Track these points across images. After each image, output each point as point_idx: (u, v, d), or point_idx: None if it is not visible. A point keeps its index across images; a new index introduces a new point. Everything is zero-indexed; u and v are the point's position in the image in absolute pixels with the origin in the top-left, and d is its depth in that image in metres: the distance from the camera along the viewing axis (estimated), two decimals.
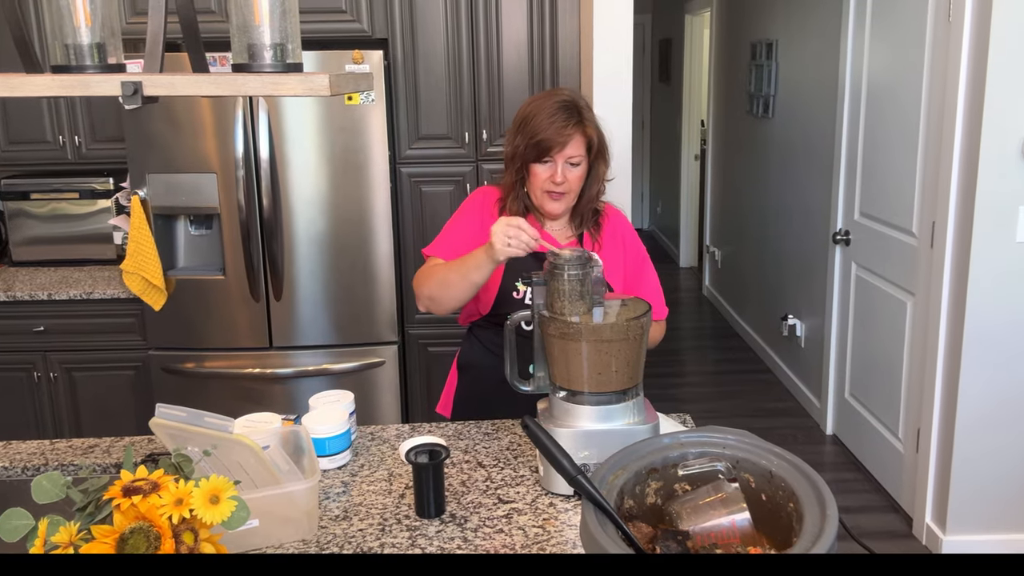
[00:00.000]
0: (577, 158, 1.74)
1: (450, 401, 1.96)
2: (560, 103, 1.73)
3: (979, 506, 2.76)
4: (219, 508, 1.03)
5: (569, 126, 1.71)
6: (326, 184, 2.87)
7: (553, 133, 1.70)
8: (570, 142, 1.72)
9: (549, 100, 1.74)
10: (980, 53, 2.50)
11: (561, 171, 1.73)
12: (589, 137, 1.74)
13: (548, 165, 1.74)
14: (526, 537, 1.34)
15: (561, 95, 1.76)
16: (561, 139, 1.70)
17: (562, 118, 1.71)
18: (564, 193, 1.75)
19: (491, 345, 1.85)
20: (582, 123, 1.73)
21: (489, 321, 1.85)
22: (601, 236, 1.85)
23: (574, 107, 1.74)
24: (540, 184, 1.75)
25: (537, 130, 1.71)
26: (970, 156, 2.58)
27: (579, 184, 1.77)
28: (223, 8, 2.90)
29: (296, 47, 1.08)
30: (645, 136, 8.28)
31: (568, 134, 1.71)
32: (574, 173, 1.75)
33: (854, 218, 3.49)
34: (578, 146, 1.73)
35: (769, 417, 4.06)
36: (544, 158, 1.73)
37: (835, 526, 0.91)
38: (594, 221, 1.85)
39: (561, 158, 1.72)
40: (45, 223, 3.33)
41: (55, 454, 1.68)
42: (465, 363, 1.93)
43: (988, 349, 2.65)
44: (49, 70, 1.09)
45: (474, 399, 1.90)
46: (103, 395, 3.09)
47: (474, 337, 1.91)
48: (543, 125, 1.71)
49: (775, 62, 4.49)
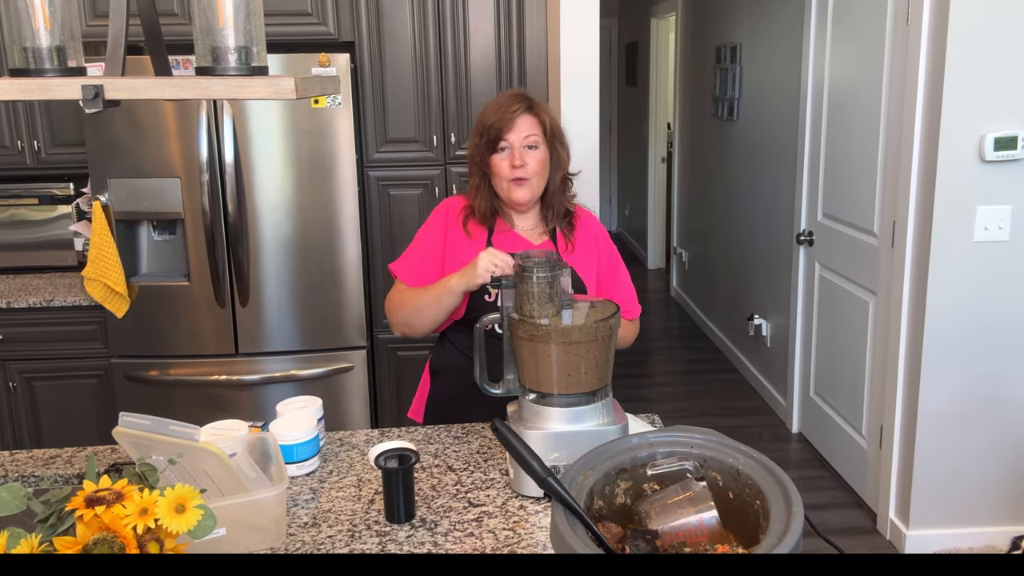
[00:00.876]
0: (533, 138, 1.76)
1: (422, 406, 1.96)
2: (511, 95, 1.80)
3: (941, 501, 2.82)
4: (185, 517, 1.01)
5: (519, 109, 1.75)
6: (292, 188, 2.85)
7: (501, 115, 1.75)
8: (519, 120, 1.75)
9: (502, 96, 1.82)
10: (938, 56, 2.56)
11: (519, 154, 1.75)
12: (541, 120, 1.78)
13: (506, 152, 1.76)
14: (497, 540, 1.34)
15: (513, 90, 1.84)
16: (509, 117, 1.74)
17: (509, 103, 1.77)
18: (527, 178, 1.76)
19: (464, 348, 1.85)
20: (531, 106, 1.77)
21: (462, 324, 1.85)
22: (574, 237, 1.86)
23: (523, 96, 1.79)
24: (503, 174, 1.77)
25: (488, 118, 1.77)
26: (929, 157, 2.64)
27: (541, 168, 1.78)
28: (186, 10, 2.86)
29: (261, 50, 1.07)
30: (612, 139, 8.33)
31: (516, 112, 1.75)
32: (533, 156, 1.76)
33: (817, 219, 3.54)
34: (530, 126, 1.76)
35: (736, 416, 4.10)
36: (500, 145, 1.75)
37: (801, 523, 0.93)
38: (567, 221, 1.86)
39: (516, 141, 1.75)
40: (4, 229, 3.26)
41: (15, 465, 1.64)
42: (438, 367, 1.93)
43: (948, 347, 2.71)
44: (7, 74, 1.07)
45: (447, 403, 1.89)
46: (65, 404, 3.03)
47: (447, 341, 1.91)
48: (491, 112, 1.77)
49: (739, 65, 4.54)
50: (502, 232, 1.83)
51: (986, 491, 2.81)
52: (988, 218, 2.62)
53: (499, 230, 1.83)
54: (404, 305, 1.80)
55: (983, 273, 2.66)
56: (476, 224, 1.83)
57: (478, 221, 1.82)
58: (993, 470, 2.79)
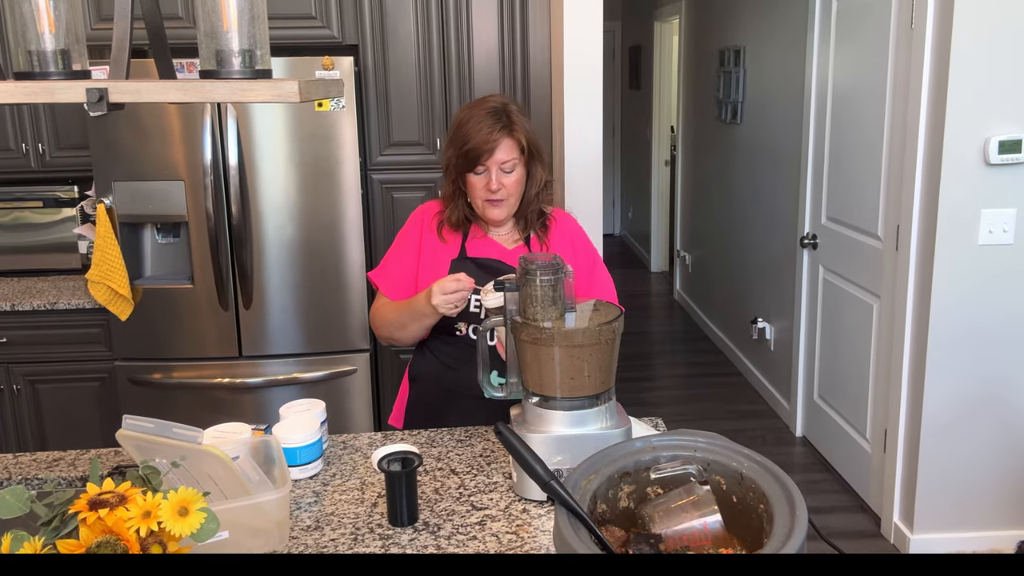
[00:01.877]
0: (509, 163, 1.74)
1: (402, 412, 1.95)
2: (488, 110, 1.73)
3: (945, 505, 2.81)
4: (188, 520, 1.01)
5: (496, 131, 1.71)
6: (296, 191, 2.85)
7: (480, 140, 1.70)
8: (498, 147, 1.72)
9: (478, 108, 1.75)
10: (942, 59, 2.55)
11: (496, 178, 1.73)
12: (519, 141, 1.74)
13: (482, 175, 1.74)
14: (500, 544, 1.34)
15: (490, 102, 1.76)
16: (488, 146, 1.71)
17: (488, 124, 1.71)
18: (503, 200, 1.76)
19: (441, 355, 1.85)
20: (509, 127, 1.73)
21: (438, 331, 1.84)
22: (548, 239, 1.85)
23: (502, 112, 1.74)
24: (478, 193, 1.76)
25: (466, 139, 1.72)
26: (933, 161, 2.63)
27: (517, 188, 1.77)
28: (190, 14, 2.87)
29: (265, 53, 1.07)
30: (616, 142, 8.33)
31: (495, 140, 1.71)
32: (510, 179, 1.75)
33: (821, 222, 3.54)
34: (508, 150, 1.73)
35: (739, 419, 4.09)
36: (476, 167, 1.73)
37: (805, 527, 0.93)
38: (541, 224, 1.86)
39: (493, 165, 1.73)
40: (8, 232, 3.27)
41: (19, 468, 1.64)
42: (416, 374, 1.92)
43: (952, 350, 2.70)
44: (12, 77, 1.07)
45: (425, 410, 1.89)
46: (68, 407, 3.04)
47: (425, 347, 1.90)
48: (471, 133, 1.72)
49: (743, 69, 4.54)
50: (476, 238, 1.83)
51: (990, 495, 2.80)
52: (992, 221, 2.61)
53: (473, 236, 1.83)
54: (387, 322, 1.83)
55: (987, 276, 2.65)
56: (450, 230, 1.83)
57: (452, 227, 1.82)
58: (997, 474, 2.78)
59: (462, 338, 1.81)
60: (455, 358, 1.83)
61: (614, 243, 8.27)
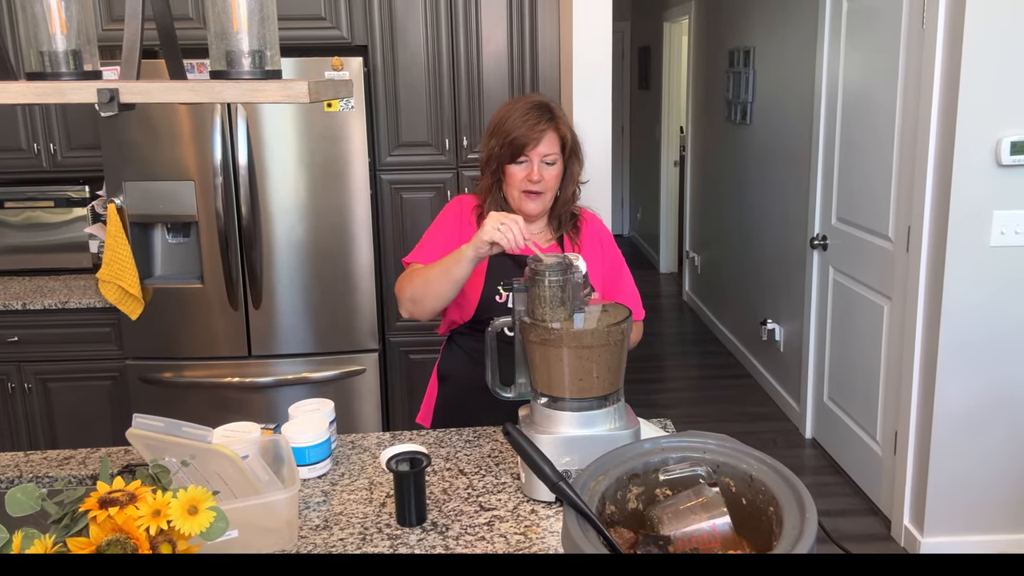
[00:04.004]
0: (552, 156, 1.77)
1: (430, 411, 1.95)
2: (533, 104, 1.78)
3: (956, 508, 2.79)
4: (198, 519, 1.02)
5: (542, 123, 1.75)
6: (305, 191, 2.86)
7: (527, 131, 1.74)
8: (543, 139, 1.75)
9: (522, 102, 1.80)
10: (953, 59, 2.54)
11: (537, 169, 1.76)
12: (562, 135, 1.78)
13: (524, 165, 1.77)
14: (508, 544, 1.33)
15: (533, 97, 1.82)
16: (535, 135, 1.74)
17: (535, 116, 1.75)
18: (541, 192, 1.78)
19: (472, 352, 1.85)
20: (555, 120, 1.77)
21: (470, 328, 1.85)
22: (580, 239, 1.87)
23: (546, 107, 1.78)
24: (517, 184, 1.78)
25: (511, 129, 1.75)
26: (944, 161, 2.62)
27: (555, 183, 1.80)
28: (201, 15, 2.88)
29: (275, 54, 1.07)
30: (625, 142, 8.32)
31: (541, 130, 1.74)
32: (550, 172, 1.78)
33: (831, 223, 3.52)
34: (552, 144, 1.77)
35: (749, 421, 4.08)
36: (519, 157, 1.76)
37: (815, 529, 0.92)
38: (572, 224, 1.88)
39: (536, 156, 1.75)
40: (20, 232, 3.29)
41: (30, 466, 1.65)
42: (446, 372, 1.92)
43: (964, 352, 2.68)
44: (24, 77, 1.08)
45: (455, 408, 1.89)
46: (79, 406, 3.05)
47: (455, 344, 1.91)
48: (516, 124, 1.75)
49: (752, 69, 4.53)
50: None
51: (1002, 497, 2.78)
52: (1004, 223, 2.59)
53: None
54: (413, 279, 1.74)
55: (999, 278, 2.63)
56: None
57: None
58: (1009, 476, 2.76)
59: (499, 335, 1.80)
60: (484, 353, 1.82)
61: (623, 244, 8.26)
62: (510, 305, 1.78)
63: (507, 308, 1.79)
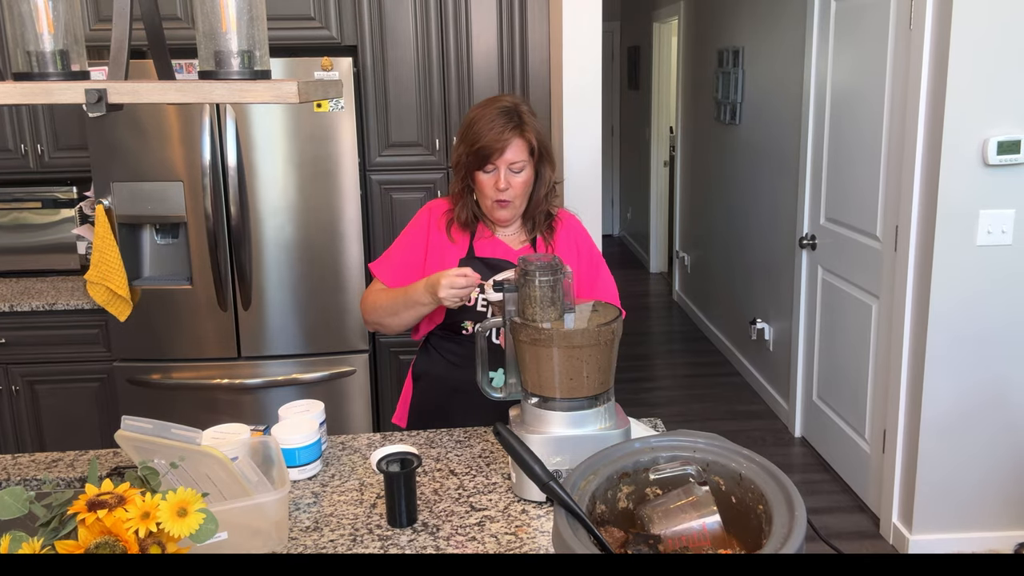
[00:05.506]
0: (519, 164, 1.74)
1: (406, 412, 1.95)
2: (499, 109, 1.74)
3: (944, 505, 2.81)
4: (187, 521, 1.01)
5: (507, 131, 1.71)
6: (295, 192, 2.85)
7: (492, 139, 1.71)
8: (509, 147, 1.72)
9: (490, 107, 1.75)
10: (941, 60, 2.56)
11: (504, 178, 1.73)
12: (529, 141, 1.74)
13: (492, 173, 1.74)
14: (499, 544, 1.34)
15: (502, 102, 1.77)
16: (500, 145, 1.71)
17: (500, 124, 1.71)
18: (510, 200, 1.76)
19: (447, 354, 1.85)
20: (521, 127, 1.73)
21: (444, 330, 1.85)
22: (555, 240, 1.86)
23: (514, 112, 1.74)
24: (486, 192, 1.76)
25: (477, 137, 1.72)
26: (931, 161, 2.63)
27: (525, 189, 1.78)
28: (189, 15, 2.87)
29: (264, 54, 1.07)
30: (615, 143, 8.33)
31: (506, 139, 1.71)
32: (518, 179, 1.75)
33: (820, 223, 3.54)
34: (519, 151, 1.73)
35: (739, 420, 4.09)
36: (486, 166, 1.74)
37: (803, 527, 0.93)
38: (547, 225, 1.86)
39: (503, 164, 1.73)
40: (6, 233, 3.27)
41: (17, 468, 1.64)
42: (420, 372, 1.93)
43: (951, 351, 2.70)
44: (11, 77, 1.07)
45: (430, 409, 1.89)
46: (67, 408, 3.03)
47: (430, 347, 1.91)
48: (482, 132, 1.72)
49: (741, 69, 4.54)
50: (483, 238, 1.84)
51: (990, 495, 2.80)
52: (991, 222, 2.61)
53: (480, 235, 1.84)
54: (378, 306, 1.81)
55: (986, 277, 2.65)
56: (459, 229, 1.83)
57: (460, 226, 1.83)
58: (997, 474, 2.78)
59: (468, 337, 1.82)
60: (461, 356, 1.83)
61: (613, 244, 8.27)
62: (479, 308, 1.79)
63: (477, 310, 1.79)
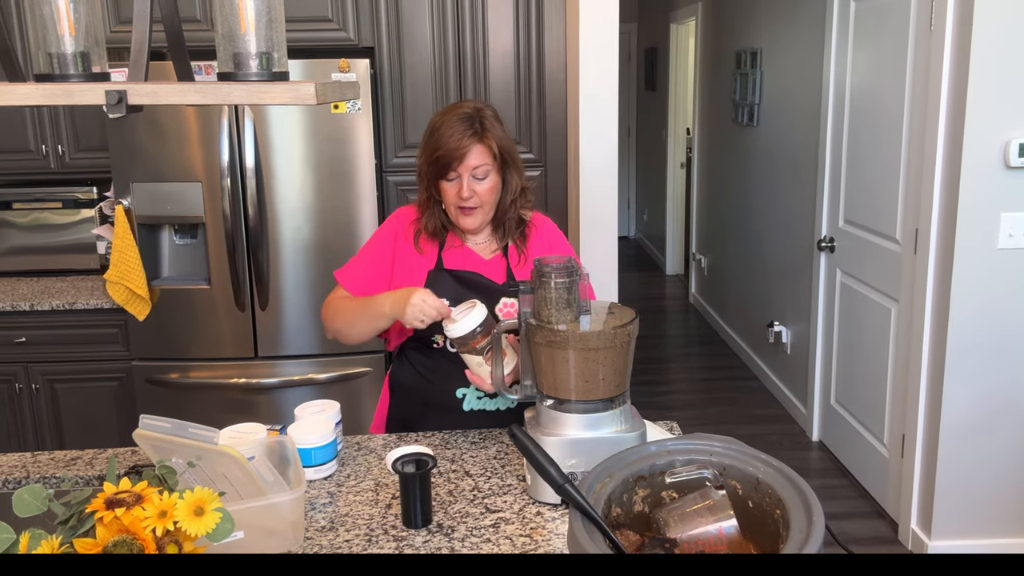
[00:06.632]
0: (482, 169, 1.69)
1: (382, 422, 1.92)
2: (460, 116, 1.69)
3: (964, 511, 2.78)
4: (204, 520, 1.02)
5: (465, 138, 1.66)
6: (312, 193, 2.86)
7: (451, 147, 1.66)
8: (469, 154, 1.67)
9: (451, 113, 1.70)
10: (962, 61, 2.53)
11: (467, 185, 1.68)
12: (490, 147, 1.69)
13: (454, 181, 1.69)
14: (513, 546, 1.33)
15: (463, 108, 1.71)
16: (459, 153, 1.66)
17: (460, 130, 1.67)
18: (475, 208, 1.71)
19: (420, 367, 1.81)
20: (481, 133, 1.68)
21: (416, 343, 1.81)
22: (527, 247, 1.81)
23: (475, 119, 1.69)
24: (450, 201, 1.72)
25: (436, 146, 1.68)
26: (952, 163, 2.61)
27: (491, 196, 1.72)
28: (208, 17, 2.89)
29: (282, 56, 1.07)
30: (631, 144, 8.31)
31: (466, 146, 1.66)
32: (483, 186, 1.70)
33: (838, 225, 3.51)
34: (481, 156, 1.68)
35: (755, 424, 4.07)
36: (448, 174, 1.69)
37: (821, 532, 0.92)
38: (519, 232, 1.81)
39: (465, 171, 1.68)
40: (27, 233, 3.30)
41: (37, 467, 1.66)
42: (395, 383, 1.88)
43: (971, 355, 2.67)
44: (32, 79, 1.08)
45: (403, 420, 1.86)
46: (86, 406, 3.06)
47: (404, 358, 1.86)
48: (442, 140, 1.67)
49: (760, 71, 4.52)
50: (453, 247, 1.79)
51: (1010, 501, 2.77)
52: (1012, 225, 2.58)
53: (450, 245, 1.79)
54: (339, 315, 1.79)
55: (1007, 280, 2.62)
56: (427, 239, 1.79)
57: (428, 236, 1.78)
58: (1017, 480, 2.75)
59: (440, 350, 1.78)
60: (431, 370, 1.79)
61: (629, 246, 8.25)
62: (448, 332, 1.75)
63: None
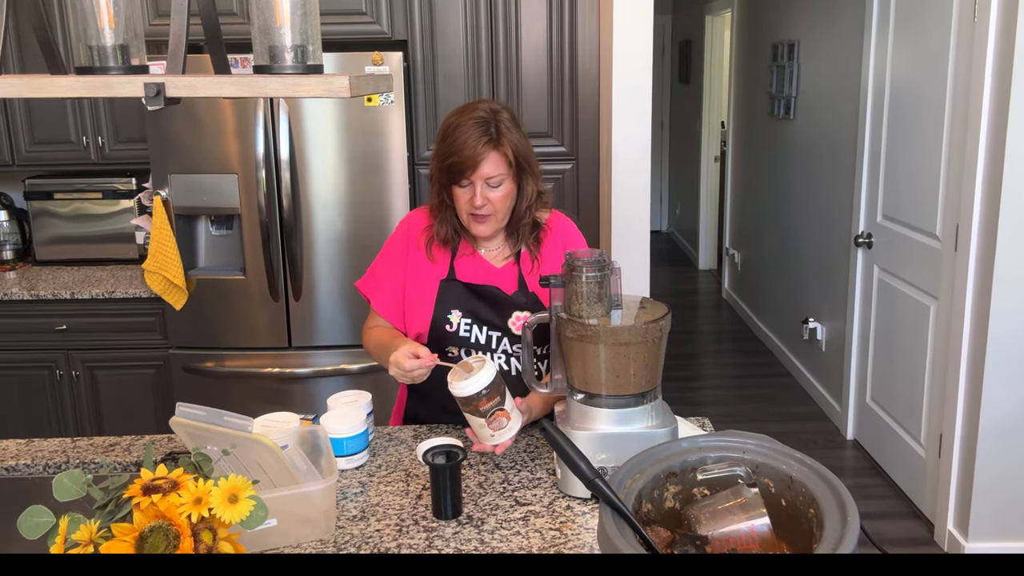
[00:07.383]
0: (496, 178, 1.62)
1: (400, 419, 1.91)
2: (475, 120, 1.61)
3: (1002, 513, 2.72)
4: (238, 507, 1.03)
5: (480, 145, 1.59)
6: (345, 185, 2.88)
7: (465, 155, 1.59)
8: (483, 162, 1.60)
9: (466, 115, 1.63)
10: (1006, 54, 2.47)
11: (480, 193, 1.62)
12: (506, 155, 1.62)
13: (467, 188, 1.63)
14: (543, 540, 1.33)
15: (478, 111, 1.64)
16: (473, 161, 1.59)
17: (474, 137, 1.59)
18: (488, 215, 1.65)
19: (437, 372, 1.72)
20: (496, 140, 1.61)
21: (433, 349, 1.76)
22: (541, 253, 1.76)
23: (491, 123, 1.61)
24: (463, 207, 1.66)
25: (450, 150, 1.61)
26: (995, 158, 2.55)
27: (505, 204, 1.66)
28: (245, 10, 2.92)
29: (317, 49, 1.08)
30: (664, 138, 8.25)
31: (480, 154, 1.59)
32: (496, 194, 1.64)
33: (876, 221, 3.45)
34: (496, 164, 1.61)
35: (789, 421, 4.02)
36: (461, 181, 1.63)
37: (856, 532, 0.90)
38: (534, 237, 1.75)
39: (478, 179, 1.61)
40: (68, 223, 3.37)
41: (76, 452, 1.69)
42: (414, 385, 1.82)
43: (1012, 354, 2.61)
44: (73, 71, 1.10)
45: (419, 420, 1.85)
46: (124, 394, 3.12)
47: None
48: (456, 145, 1.60)
49: (797, 63, 4.45)
50: (465, 255, 1.75)
51: None
52: None
53: (462, 253, 1.75)
54: (370, 343, 1.83)
55: None
56: (439, 247, 1.75)
57: (441, 243, 1.74)
58: None
59: (454, 359, 1.74)
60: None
61: (661, 240, 8.19)
62: (461, 334, 1.73)
63: (460, 336, 1.73)
